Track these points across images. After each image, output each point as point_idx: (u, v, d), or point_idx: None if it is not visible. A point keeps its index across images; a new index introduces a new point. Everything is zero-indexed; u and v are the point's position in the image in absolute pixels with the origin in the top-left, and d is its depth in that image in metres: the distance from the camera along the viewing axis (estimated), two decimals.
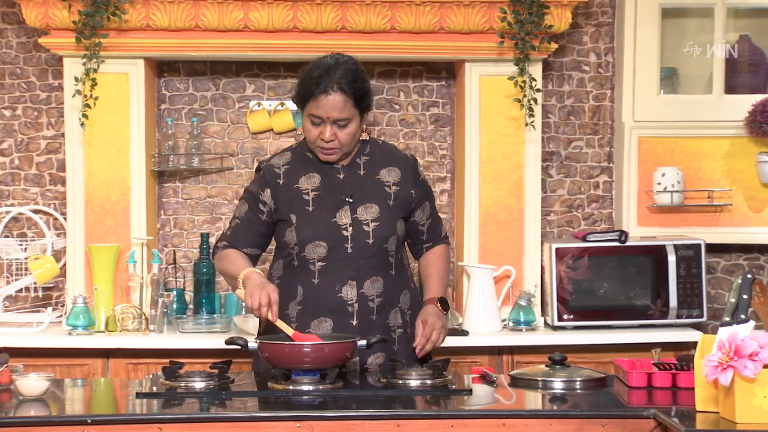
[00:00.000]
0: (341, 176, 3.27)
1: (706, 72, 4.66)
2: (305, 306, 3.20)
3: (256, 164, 3.51)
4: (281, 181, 3.26)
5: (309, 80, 3.18)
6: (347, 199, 3.23)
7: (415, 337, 3.21)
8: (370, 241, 3.22)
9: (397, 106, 4.75)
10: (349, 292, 3.20)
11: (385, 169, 3.31)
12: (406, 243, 3.42)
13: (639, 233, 4.56)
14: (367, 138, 3.33)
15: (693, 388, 2.70)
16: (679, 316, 4.34)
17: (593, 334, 4.27)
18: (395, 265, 3.28)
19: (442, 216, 4.71)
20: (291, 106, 4.68)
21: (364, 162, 3.31)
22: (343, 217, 3.22)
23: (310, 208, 3.22)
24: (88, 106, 4.24)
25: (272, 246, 3.40)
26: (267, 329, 3.24)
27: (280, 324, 3.03)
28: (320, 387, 2.89)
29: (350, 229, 3.21)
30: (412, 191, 3.32)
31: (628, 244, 4.36)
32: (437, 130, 4.76)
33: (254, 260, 3.29)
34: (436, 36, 4.38)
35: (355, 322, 3.18)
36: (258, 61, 4.65)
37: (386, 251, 3.25)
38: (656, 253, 4.35)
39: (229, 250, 3.27)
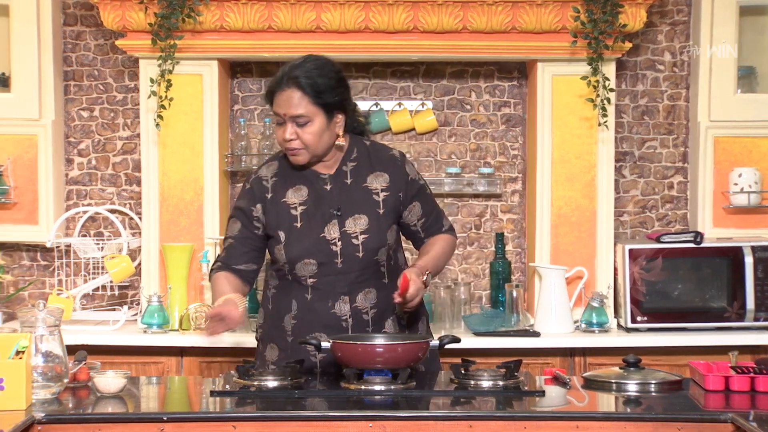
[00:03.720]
0: (328, 187, 3.18)
1: None
2: (300, 320, 3.16)
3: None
4: (269, 195, 3.18)
5: (273, 78, 3.13)
6: (335, 212, 3.15)
7: (399, 287, 3.06)
8: (360, 255, 3.14)
9: (468, 107, 4.73)
10: (342, 307, 3.14)
11: (373, 175, 3.20)
12: (410, 241, 3.35)
13: (714, 234, 4.49)
14: (345, 143, 3.18)
15: None
16: (756, 319, 4.26)
17: (667, 336, 4.22)
18: (387, 273, 3.20)
19: (513, 216, 4.70)
20: (362, 106, 4.68)
21: (350, 169, 3.20)
22: (332, 232, 3.14)
23: (299, 224, 3.14)
24: (163, 107, 4.30)
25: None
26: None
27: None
28: (392, 387, 2.89)
29: (339, 243, 3.13)
30: (400, 194, 3.21)
31: (703, 245, 4.29)
32: (509, 130, 4.73)
33: (252, 276, 3.21)
34: (508, 36, 4.36)
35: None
36: None
37: (377, 262, 3.17)
38: (733, 255, 4.28)
39: (220, 273, 3.17)
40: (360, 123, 3.28)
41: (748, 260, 4.27)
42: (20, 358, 2.69)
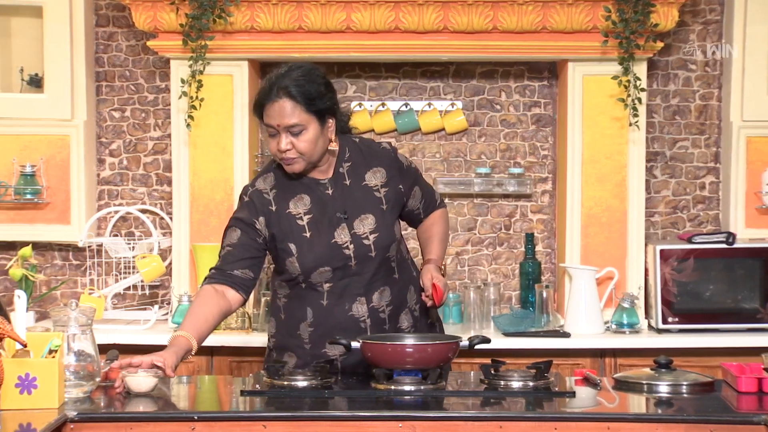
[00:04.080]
0: (330, 192, 3.15)
1: None
2: (317, 327, 3.15)
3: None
4: (273, 208, 3.13)
5: (261, 90, 3.08)
6: (342, 216, 3.13)
7: (426, 290, 3.20)
8: (373, 254, 3.13)
9: (498, 107, 4.72)
10: (360, 309, 3.14)
11: (370, 172, 3.19)
12: (405, 222, 3.38)
13: (747, 235, 4.46)
14: (337, 147, 3.16)
15: None
16: None
17: (699, 338, 4.19)
18: (397, 267, 3.21)
19: (543, 217, 4.68)
20: (392, 106, 4.69)
21: (347, 170, 3.18)
22: (342, 236, 3.12)
23: (308, 234, 3.11)
24: (193, 107, 4.32)
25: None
26: None
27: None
28: (422, 387, 2.89)
29: (351, 246, 3.12)
30: (400, 186, 3.22)
31: (735, 246, 4.26)
32: (539, 130, 4.72)
33: (248, 284, 3.12)
34: (538, 36, 4.35)
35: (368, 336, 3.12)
36: (359, 62, 4.67)
37: (388, 259, 3.17)
38: (765, 256, 4.25)
39: (205, 287, 3.09)
40: (344, 122, 3.25)
41: None
42: (53, 357, 2.71)
